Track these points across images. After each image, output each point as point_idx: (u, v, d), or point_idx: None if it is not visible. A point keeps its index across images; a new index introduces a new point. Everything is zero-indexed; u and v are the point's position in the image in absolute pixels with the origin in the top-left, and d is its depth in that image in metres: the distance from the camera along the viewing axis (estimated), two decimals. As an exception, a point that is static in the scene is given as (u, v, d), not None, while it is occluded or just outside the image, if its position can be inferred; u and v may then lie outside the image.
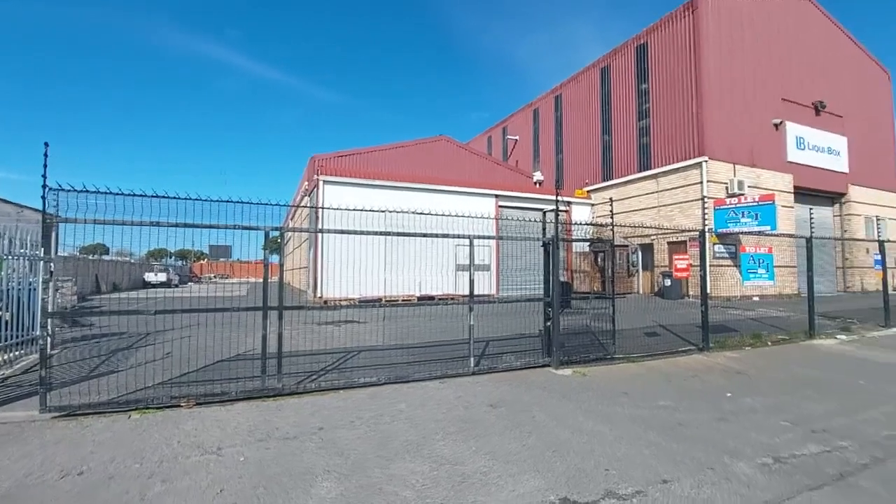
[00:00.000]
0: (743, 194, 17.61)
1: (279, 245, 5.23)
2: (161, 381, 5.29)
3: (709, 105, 18.24)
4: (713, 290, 16.99)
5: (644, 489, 3.02)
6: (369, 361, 6.43)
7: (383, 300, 14.42)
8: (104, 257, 26.51)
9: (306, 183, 19.66)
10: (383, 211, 6.94)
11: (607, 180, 23.06)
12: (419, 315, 10.64)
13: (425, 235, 5.86)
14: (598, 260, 19.33)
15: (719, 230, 17.17)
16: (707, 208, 17.36)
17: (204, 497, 2.86)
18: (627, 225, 9.66)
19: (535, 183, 23.87)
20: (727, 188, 18.13)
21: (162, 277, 31.84)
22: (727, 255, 17.64)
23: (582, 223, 8.47)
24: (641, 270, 20.78)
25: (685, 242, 17.86)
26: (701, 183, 18.01)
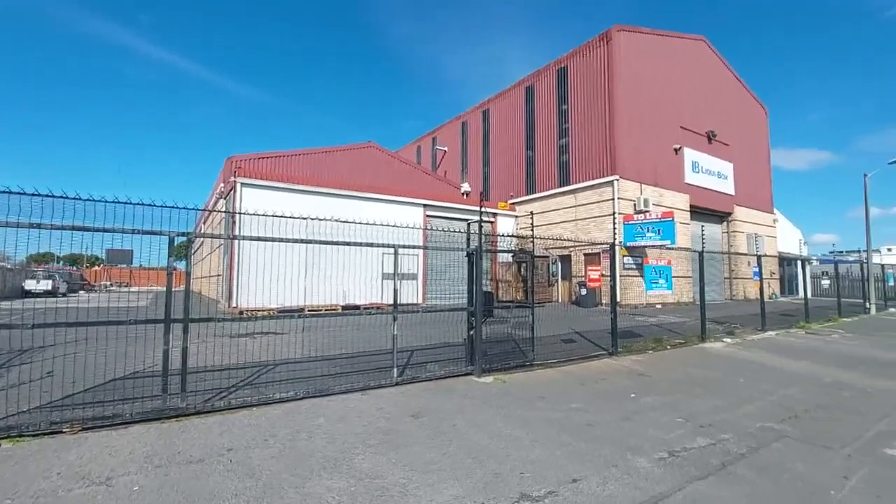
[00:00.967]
0: (648, 211, 19.33)
1: (188, 252, 4.84)
2: (39, 405, 4.64)
3: (620, 128, 19.89)
4: (622, 299, 18.44)
5: (556, 489, 3.17)
6: (287, 375, 6.13)
7: (305, 310, 13.85)
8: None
9: (222, 185, 18.41)
10: (305, 218, 6.70)
11: (531, 194, 24.21)
12: (343, 325, 10.36)
13: (348, 244, 5.74)
14: (521, 270, 20.16)
15: (628, 243, 18.68)
16: (617, 223, 18.91)
17: (85, 535, 2.54)
18: (548, 237, 10.19)
19: (463, 194, 24.40)
20: (635, 205, 19.80)
21: (46, 285, 27.95)
22: (634, 267, 19.22)
23: (506, 235, 8.80)
24: (560, 280, 21.98)
25: (599, 254, 19.19)
26: (613, 200, 19.52)
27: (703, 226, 18.46)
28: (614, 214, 19.28)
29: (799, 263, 23.81)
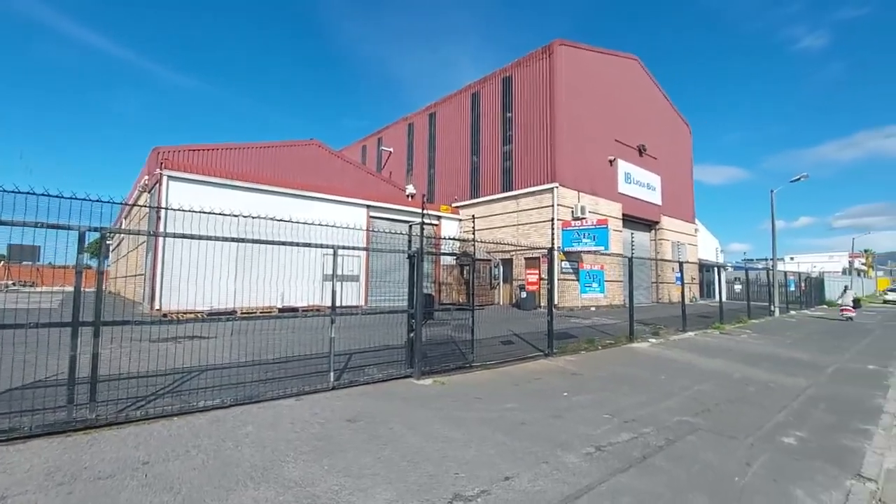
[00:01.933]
0: (585, 218, 20.28)
1: (100, 248, 4.44)
2: (-89, 422, 4.04)
3: (560, 138, 20.74)
4: (560, 302, 19.20)
5: (489, 488, 3.22)
6: (215, 382, 5.79)
7: (238, 313, 13.17)
8: None
9: (146, 178, 17.06)
10: (237, 216, 6.35)
11: (475, 198, 24.60)
12: (280, 328, 9.96)
13: (284, 244, 5.53)
14: (464, 273, 20.41)
15: (565, 248, 19.49)
16: (556, 229, 19.70)
17: (-37, 567, 2.25)
18: (490, 241, 10.40)
19: (408, 196, 24.31)
20: (573, 212, 20.70)
21: (-70, 285, 24.54)
22: (571, 271, 20.08)
23: (449, 238, 8.88)
24: (502, 283, 22.49)
25: (539, 258, 19.86)
26: (552, 206, 20.29)
27: (633, 233, 19.66)
28: (553, 220, 20.04)
29: (716, 270, 26.00)
